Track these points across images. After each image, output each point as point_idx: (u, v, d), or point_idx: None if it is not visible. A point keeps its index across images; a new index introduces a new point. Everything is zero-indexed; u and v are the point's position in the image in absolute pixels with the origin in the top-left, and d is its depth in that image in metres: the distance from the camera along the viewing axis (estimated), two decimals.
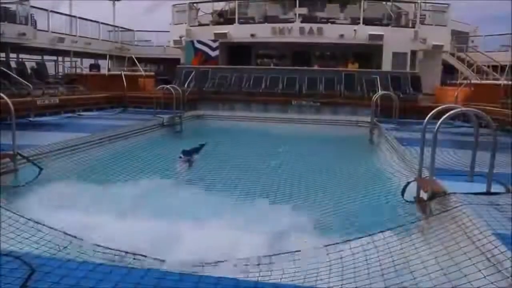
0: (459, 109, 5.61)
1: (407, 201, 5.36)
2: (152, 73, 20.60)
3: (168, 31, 21.25)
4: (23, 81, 12.60)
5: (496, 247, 3.27)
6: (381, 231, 4.37)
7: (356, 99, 15.00)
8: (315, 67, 18.20)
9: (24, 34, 15.65)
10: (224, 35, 18.16)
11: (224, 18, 19.79)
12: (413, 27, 17.54)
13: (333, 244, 4.21)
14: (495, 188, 4.76)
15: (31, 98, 11.65)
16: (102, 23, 23.67)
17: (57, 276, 2.80)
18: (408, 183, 5.60)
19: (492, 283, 3.03)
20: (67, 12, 21.88)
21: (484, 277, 3.11)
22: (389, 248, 4.06)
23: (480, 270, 3.20)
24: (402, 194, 5.48)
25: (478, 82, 16.18)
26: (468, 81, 15.74)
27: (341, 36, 17.18)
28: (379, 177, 7.63)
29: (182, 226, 4.91)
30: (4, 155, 6.06)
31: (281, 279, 3.62)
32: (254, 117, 14.85)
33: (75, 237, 4.33)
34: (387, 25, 17.63)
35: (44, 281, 2.73)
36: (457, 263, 3.45)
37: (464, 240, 3.70)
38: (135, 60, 18.79)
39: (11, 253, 3.23)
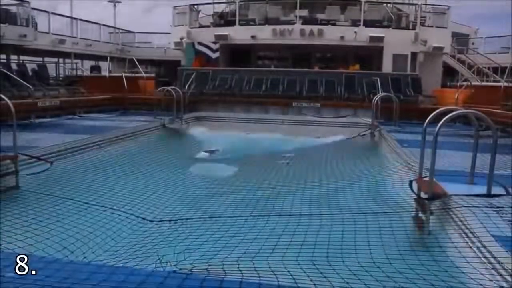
0: (459, 111, 5.61)
1: (408, 202, 5.36)
2: (153, 75, 20.59)
3: (169, 33, 21.27)
4: (24, 82, 12.60)
5: (496, 248, 3.28)
6: (380, 232, 4.37)
7: (357, 101, 15.02)
8: (316, 69, 18.23)
9: (25, 35, 15.68)
10: (224, 37, 18.17)
11: (224, 20, 19.80)
12: (414, 29, 17.54)
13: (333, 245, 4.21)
14: (495, 190, 4.77)
15: (32, 99, 11.67)
16: (103, 25, 23.70)
17: (59, 277, 2.80)
18: (411, 181, 5.59)
19: (492, 284, 3.04)
20: (68, 14, 21.94)
21: (485, 278, 3.12)
22: (389, 249, 4.06)
23: (480, 272, 3.21)
24: (412, 191, 5.45)
25: (479, 84, 16.18)
26: (469, 83, 15.73)
27: (342, 38, 17.18)
28: (379, 178, 7.62)
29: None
30: (5, 156, 6.07)
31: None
32: (254, 118, 14.86)
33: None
34: (387, 27, 17.62)
35: (47, 282, 2.73)
36: (457, 264, 3.46)
37: (464, 242, 3.71)
38: (136, 62, 18.80)
39: (11, 254, 3.24)
